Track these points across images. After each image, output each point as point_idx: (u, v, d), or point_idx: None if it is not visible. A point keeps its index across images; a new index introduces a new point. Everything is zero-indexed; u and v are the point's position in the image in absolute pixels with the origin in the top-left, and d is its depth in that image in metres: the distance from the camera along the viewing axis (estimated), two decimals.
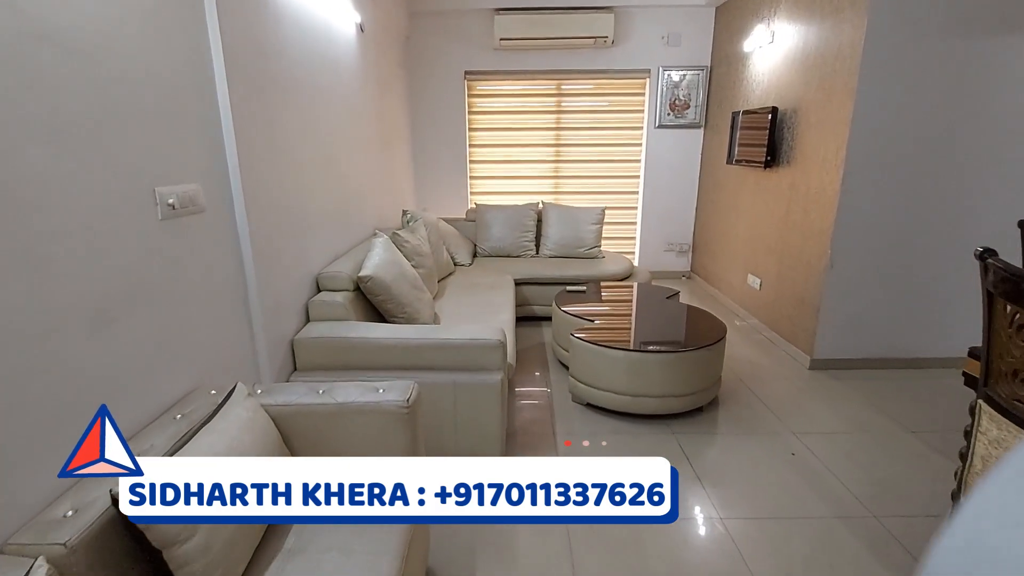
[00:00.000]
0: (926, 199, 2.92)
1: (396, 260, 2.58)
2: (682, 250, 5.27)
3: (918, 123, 2.80)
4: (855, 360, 3.17)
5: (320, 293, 2.37)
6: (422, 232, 3.29)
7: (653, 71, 4.80)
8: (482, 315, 2.89)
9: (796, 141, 3.34)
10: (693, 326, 2.91)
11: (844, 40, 2.85)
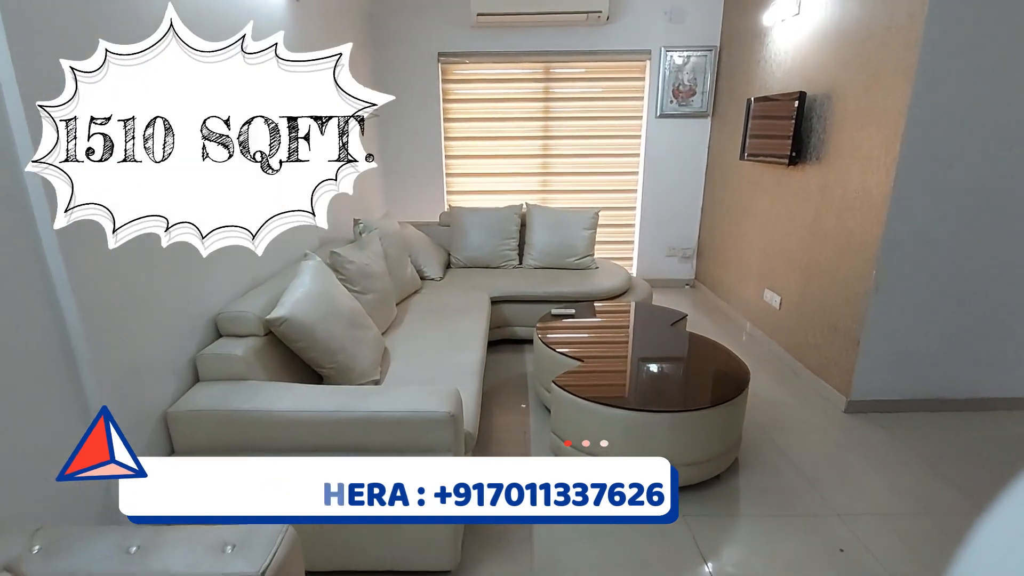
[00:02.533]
0: (998, 209, 2.34)
1: (327, 292, 2.00)
2: (685, 256, 4.69)
3: (997, 114, 2.22)
4: (901, 402, 2.61)
5: (217, 341, 1.79)
6: (375, 247, 2.70)
7: (654, 52, 4.19)
8: (443, 353, 2.32)
9: (829, 133, 2.75)
10: (706, 367, 2.34)
11: (898, 8, 2.25)
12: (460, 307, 2.93)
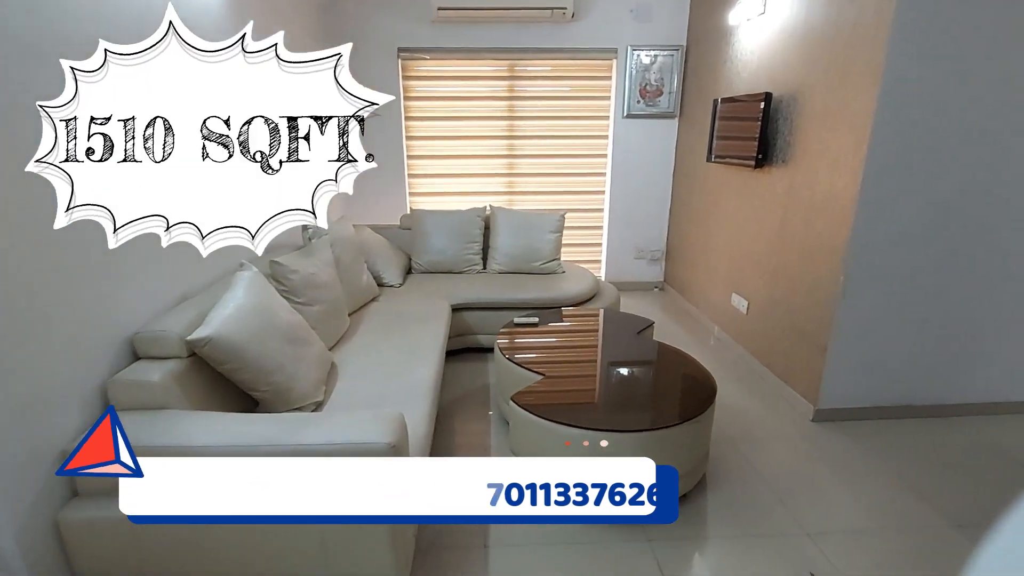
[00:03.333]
0: (965, 213, 2.30)
1: (263, 306, 1.82)
2: (654, 258, 4.62)
3: (965, 116, 2.17)
4: (869, 409, 2.56)
5: (132, 365, 1.60)
6: (324, 254, 2.52)
7: (620, 51, 4.10)
8: (396, 369, 2.16)
9: (796, 135, 2.69)
10: (672, 381, 2.25)
11: (866, 6, 2.19)
12: (418, 316, 2.78)
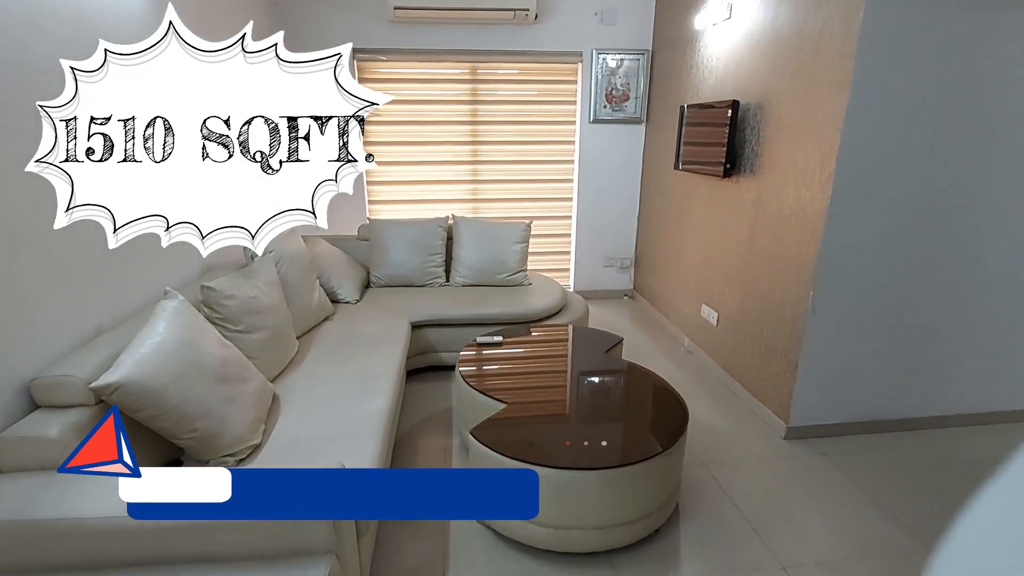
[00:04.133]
0: (932, 227, 2.26)
1: (188, 341, 1.62)
2: (623, 266, 4.53)
3: (933, 128, 2.13)
4: (840, 425, 2.51)
5: (28, 417, 1.39)
6: (267, 274, 2.33)
7: (586, 55, 3.99)
8: (347, 401, 1.99)
9: (763, 145, 2.62)
10: (642, 408, 2.13)
11: (833, 14, 2.12)
12: (374, 337, 2.60)
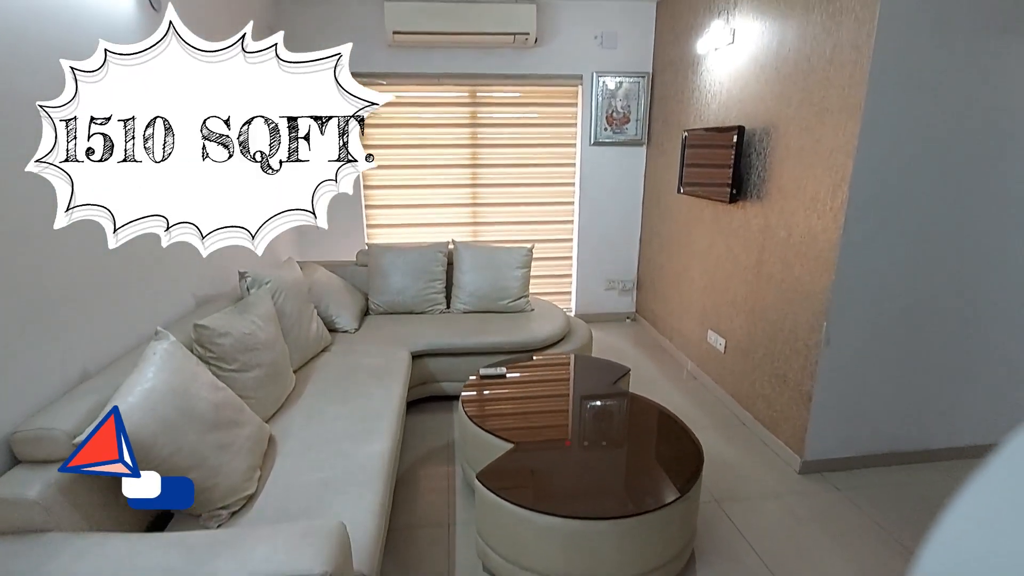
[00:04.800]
0: (947, 256, 2.21)
1: (182, 387, 1.54)
2: (625, 288, 4.47)
3: (947, 157, 2.08)
4: (856, 458, 2.43)
5: (8, 473, 1.30)
6: (264, 307, 2.25)
7: (586, 77, 3.98)
8: (345, 441, 1.90)
9: (770, 171, 2.58)
10: (655, 448, 2.05)
11: (843, 40, 2.08)
12: (373, 370, 2.52)
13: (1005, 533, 0.28)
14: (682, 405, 3.07)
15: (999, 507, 0.30)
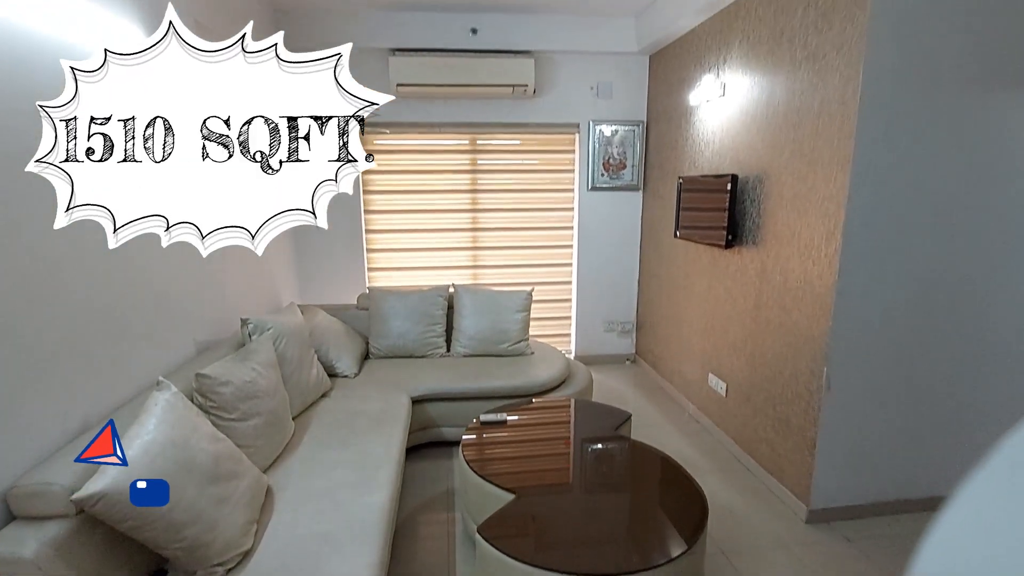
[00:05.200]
0: (945, 300, 2.24)
1: (182, 439, 1.53)
2: (624, 330, 4.48)
3: (937, 204, 2.14)
4: (863, 507, 2.39)
5: (5, 529, 1.28)
6: (265, 353, 2.25)
7: (583, 125, 4.10)
8: (343, 493, 1.87)
9: (765, 218, 2.64)
10: (658, 497, 2.02)
11: (830, 96, 2.18)
12: (373, 417, 2.50)
13: (1004, 532, 0.28)
14: (685, 449, 3.03)
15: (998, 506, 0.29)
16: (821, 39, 2.20)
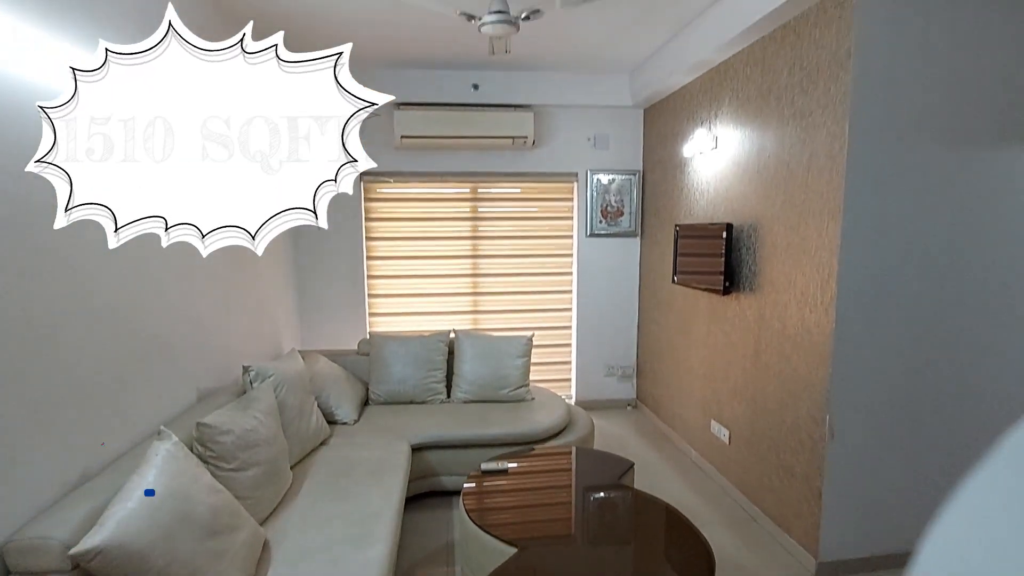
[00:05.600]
0: (943, 347, 2.26)
1: (181, 491, 1.52)
2: (625, 375, 4.47)
3: (928, 248, 2.19)
4: (875, 559, 2.33)
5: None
6: (266, 401, 2.25)
7: (581, 175, 4.23)
8: (341, 548, 1.83)
9: (760, 265, 2.69)
10: (664, 549, 1.98)
11: (818, 150, 2.27)
12: (372, 466, 2.46)
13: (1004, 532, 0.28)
14: (689, 498, 2.98)
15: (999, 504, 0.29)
16: (807, 98, 2.31)
